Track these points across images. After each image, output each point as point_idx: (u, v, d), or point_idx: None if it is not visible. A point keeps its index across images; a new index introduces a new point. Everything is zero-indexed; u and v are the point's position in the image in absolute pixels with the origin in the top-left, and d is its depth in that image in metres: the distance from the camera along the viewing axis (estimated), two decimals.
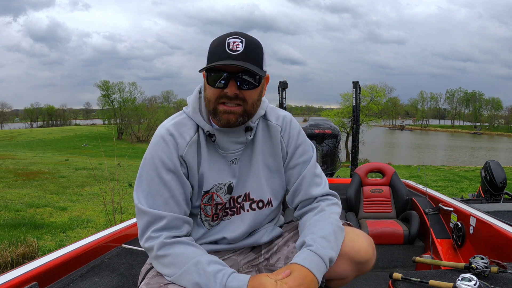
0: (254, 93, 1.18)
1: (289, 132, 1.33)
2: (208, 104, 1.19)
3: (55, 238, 4.68)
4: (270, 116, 1.32)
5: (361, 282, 2.34)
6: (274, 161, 1.31)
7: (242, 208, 1.30)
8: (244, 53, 1.12)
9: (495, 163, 4.30)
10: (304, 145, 1.34)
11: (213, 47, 1.16)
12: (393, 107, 67.83)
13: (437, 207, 2.80)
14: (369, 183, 3.22)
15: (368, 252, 1.21)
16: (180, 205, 1.19)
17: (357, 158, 8.38)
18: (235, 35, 1.14)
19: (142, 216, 1.18)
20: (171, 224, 1.16)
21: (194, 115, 1.24)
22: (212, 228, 1.28)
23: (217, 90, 1.15)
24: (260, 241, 1.33)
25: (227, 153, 1.26)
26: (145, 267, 1.31)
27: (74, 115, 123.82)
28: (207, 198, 1.25)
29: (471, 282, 1.19)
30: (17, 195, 6.99)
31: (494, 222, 2.09)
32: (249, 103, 1.17)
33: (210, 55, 1.15)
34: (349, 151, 26.53)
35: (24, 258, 3.59)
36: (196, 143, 1.22)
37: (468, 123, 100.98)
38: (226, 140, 1.24)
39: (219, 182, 1.25)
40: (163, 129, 1.22)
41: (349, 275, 1.23)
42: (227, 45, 1.12)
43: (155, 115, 52.08)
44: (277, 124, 1.32)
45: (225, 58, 1.11)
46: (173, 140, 1.20)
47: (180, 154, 1.20)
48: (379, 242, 2.74)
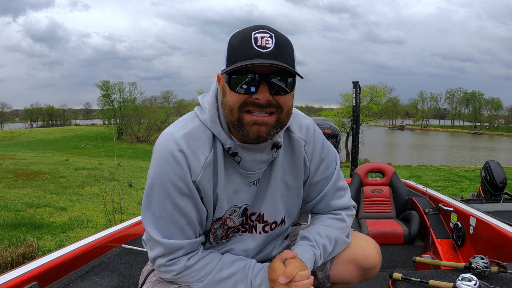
0: (289, 98, 0.99)
1: (313, 146, 1.18)
2: (229, 113, 0.98)
3: (55, 238, 4.68)
4: (293, 127, 1.15)
5: (361, 282, 2.33)
6: (294, 179, 1.18)
7: (255, 228, 1.19)
8: (276, 51, 0.93)
9: (495, 163, 4.29)
10: (327, 159, 1.21)
11: (236, 43, 0.96)
12: (393, 107, 67.83)
13: (437, 207, 2.80)
14: (369, 183, 3.21)
15: (376, 259, 1.22)
16: (195, 229, 1.08)
17: (357, 158, 8.36)
18: (262, 29, 0.95)
19: (155, 245, 1.06)
20: (188, 251, 1.08)
21: (213, 126, 1.04)
22: (219, 244, 1.19)
23: (242, 96, 0.95)
24: (270, 256, 1.29)
25: (249, 174, 1.08)
26: (147, 268, 1.29)
27: (74, 115, 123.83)
28: (219, 224, 1.12)
29: (471, 282, 1.18)
30: (17, 195, 6.98)
31: (494, 222, 2.09)
32: (284, 111, 0.98)
33: (234, 53, 0.95)
34: (349, 151, 26.53)
35: (24, 258, 3.59)
36: (211, 164, 1.03)
37: (468, 123, 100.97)
38: (249, 159, 1.06)
39: (234, 205, 1.10)
40: (172, 141, 1.01)
41: (354, 280, 1.24)
42: (254, 40, 0.93)
43: (155, 115, 52.08)
44: (300, 138, 1.15)
45: (254, 57, 0.92)
46: (186, 160, 1.00)
47: (194, 179, 1.02)
48: (379, 242, 2.70)
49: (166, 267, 1.07)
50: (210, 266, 1.10)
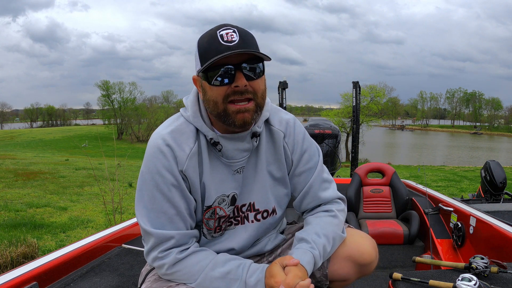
0: (262, 83, 1.09)
1: (294, 138, 1.25)
2: (215, 107, 1.07)
3: (55, 238, 4.68)
4: (273, 120, 1.23)
5: (361, 282, 2.33)
6: (278, 169, 1.24)
7: (247, 219, 1.24)
8: (242, 42, 1.03)
9: (495, 163, 4.29)
10: (309, 151, 1.27)
11: (204, 44, 1.05)
12: (393, 107, 67.87)
13: (437, 207, 2.80)
14: (369, 183, 3.22)
15: (372, 255, 1.22)
16: (185, 220, 1.13)
17: (357, 158, 8.39)
18: (225, 27, 1.05)
19: (147, 236, 1.11)
20: (179, 242, 1.11)
21: (196, 120, 1.14)
22: (214, 239, 1.23)
23: (222, 88, 1.04)
24: (264, 250, 1.31)
25: (232, 162, 1.16)
26: (146, 268, 1.30)
27: (74, 115, 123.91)
28: (209, 213, 1.17)
29: (471, 282, 1.18)
30: (17, 195, 6.98)
31: (494, 222, 2.09)
32: (259, 96, 1.08)
33: (205, 52, 1.04)
34: (349, 151, 26.53)
35: (24, 258, 3.59)
36: (196, 154, 1.12)
37: (468, 123, 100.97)
38: (231, 148, 1.14)
39: (222, 193, 1.17)
40: (159, 138, 1.11)
41: (351, 277, 1.25)
42: (220, 37, 1.02)
43: (155, 115, 52.06)
44: (279, 130, 1.23)
45: (224, 51, 1.00)
46: (172, 152, 1.09)
47: (180, 168, 1.10)
48: (379, 242, 2.71)
49: (159, 260, 1.10)
50: (203, 264, 1.10)
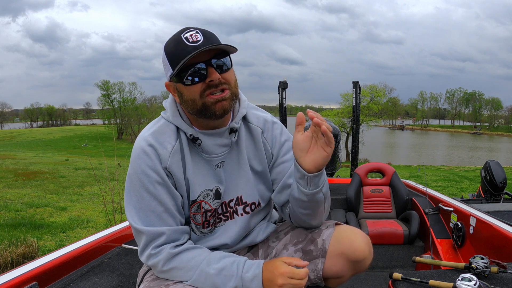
0: (232, 74, 1.15)
1: (272, 133, 1.30)
2: (193, 105, 1.12)
3: (55, 238, 4.68)
4: (250, 118, 1.29)
5: (361, 282, 2.34)
6: (259, 163, 1.28)
7: (236, 213, 1.27)
8: (206, 40, 1.07)
9: (495, 163, 4.29)
10: (288, 143, 1.31)
11: (171, 48, 1.10)
12: (393, 107, 67.74)
13: (437, 207, 2.80)
14: (369, 183, 3.22)
15: (365, 251, 1.21)
16: (174, 216, 1.16)
17: (357, 158, 8.37)
18: (188, 29, 1.10)
19: (139, 235, 1.14)
20: (170, 238, 1.13)
21: (175, 119, 1.18)
22: (204, 236, 1.25)
23: (197, 86, 1.09)
24: (256, 240, 1.33)
25: (211, 157, 1.21)
26: (143, 269, 1.30)
27: (74, 115, 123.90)
28: (195, 207, 1.21)
29: (471, 282, 1.18)
30: (17, 195, 6.99)
31: (494, 222, 2.09)
32: (232, 85, 1.14)
33: (173, 56, 1.09)
34: (349, 151, 26.51)
35: (24, 258, 3.59)
36: (178, 151, 1.17)
37: (468, 123, 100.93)
38: (210, 144, 1.19)
39: (205, 188, 1.21)
40: (142, 140, 1.16)
41: (345, 274, 1.24)
42: (185, 39, 1.07)
43: (155, 115, 51.13)
44: (257, 126, 1.28)
45: (191, 51, 1.05)
46: (155, 151, 1.14)
47: (164, 165, 1.15)
48: (379, 242, 2.74)
49: (153, 257, 1.12)
50: (198, 260, 1.12)
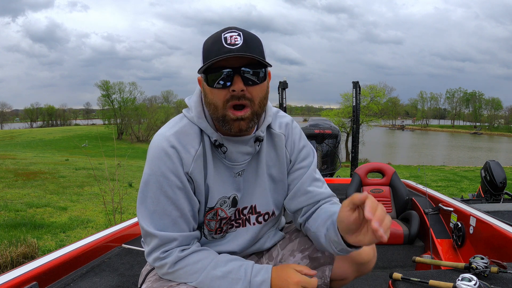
0: (260, 90, 1.08)
1: (292, 139, 1.27)
2: (215, 111, 1.08)
3: (55, 238, 4.68)
4: (273, 124, 1.24)
5: (361, 282, 2.33)
6: (279, 171, 1.25)
7: (248, 221, 1.25)
8: (244, 46, 1.02)
9: (495, 163, 4.29)
10: (305, 150, 1.28)
11: (208, 45, 1.06)
12: (393, 107, 67.74)
13: (437, 207, 2.80)
14: (369, 183, 3.22)
15: (369, 254, 1.22)
16: (189, 222, 1.13)
17: (357, 158, 8.38)
18: (230, 29, 1.06)
19: (149, 238, 1.11)
20: (181, 244, 1.11)
21: (200, 121, 1.13)
22: (214, 240, 1.23)
23: (221, 91, 1.05)
24: (263, 248, 1.32)
25: (234, 165, 1.17)
26: (146, 268, 1.29)
27: (74, 115, 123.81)
28: (211, 214, 1.17)
29: (471, 282, 1.18)
30: (17, 195, 6.98)
31: (494, 222, 2.09)
32: (256, 103, 1.07)
33: (207, 53, 1.05)
34: (349, 151, 26.50)
35: (24, 258, 3.59)
36: (201, 156, 1.12)
37: (468, 123, 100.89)
38: (234, 151, 1.14)
39: (223, 195, 1.17)
40: (164, 140, 1.10)
41: (349, 276, 1.25)
42: (224, 40, 1.03)
43: (155, 115, 52.07)
44: (281, 133, 1.24)
45: (225, 53, 1.01)
46: (177, 154, 1.09)
47: (186, 170, 1.10)
48: (379, 242, 2.73)
49: (160, 260, 1.10)
50: (205, 262, 1.10)
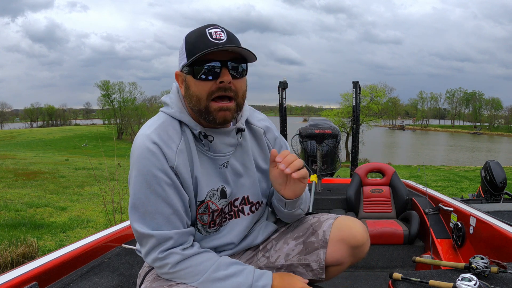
0: (243, 83, 1.14)
1: (273, 133, 1.35)
2: (197, 103, 1.10)
3: (55, 238, 4.68)
4: (251, 120, 1.31)
5: (361, 282, 2.33)
6: (264, 162, 1.31)
7: (242, 212, 1.27)
8: (229, 41, 1.08)
9: (495, 163, 4.29)
10: (281, 140, 1.38)
11: (193, 39, 1.09)
12: (393, 107, 67.78)
13: (437, 207, 2.80)
14: (369, 183, 3.22)
15: (364, 236, 1.26)
16: (182, 218, 1.12)
17: (357, 158, 8.34)
18: (213, 26, 1.10)
19: (144, 239, 1.10)
20: (178, 242, 1.10)
21: (182, 115, 1.15)
22: (210, 235, 1.23)
23: (207, 83, 1.08)
24: (257, 241, 1.33)
25: (218, 156, 1.19)
26: (143, 269, 1.29)
27: (74, 115, 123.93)
28: (203, 208, 1.18)
29: (471, 282, 1.18)
30: (17, 195, 6.98)
31: (494, 222, 2.09)
32: (239, 95, 1.13)
33: (193, 48, 1.08)
34: (349, 151, 26.50)
35: (24, 258, 3.59)
36: (184, 149, 1.13)
37: (468, 123, 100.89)
38: (219, 142, 1.17)
39: (211, 188, 1.18)
40: (145, 138, 1.09)
41: (345, 260, 1.27)
42: (209, 35, 1.07)
43: (155, 115, 51.97)
44: (260, 127, 1.32)
45: (212, 47, 1.05)
46: (160, 150, 1.09)
47: (171, 165, 1.10)
48: (379, 242, 2.74)
49: (160, 260, 1.09)
50: (207, 265, 1.11)
